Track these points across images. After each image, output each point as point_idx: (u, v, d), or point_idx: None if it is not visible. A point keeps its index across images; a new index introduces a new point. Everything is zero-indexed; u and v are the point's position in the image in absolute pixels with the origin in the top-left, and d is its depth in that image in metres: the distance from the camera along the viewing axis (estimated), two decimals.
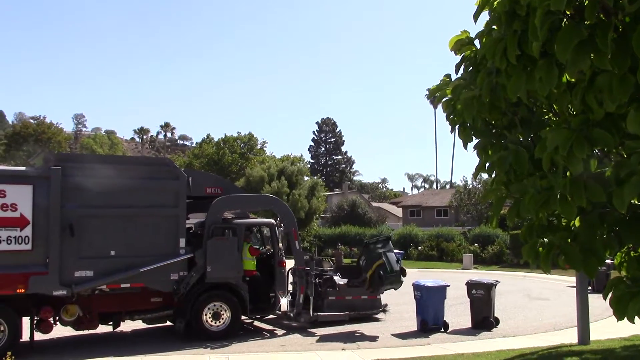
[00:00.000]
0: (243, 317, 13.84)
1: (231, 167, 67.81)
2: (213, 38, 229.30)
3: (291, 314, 14.58)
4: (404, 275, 14.53)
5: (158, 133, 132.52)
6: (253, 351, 11.97)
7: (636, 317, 3.50)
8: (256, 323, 15.11)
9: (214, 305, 13.03)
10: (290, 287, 14.94)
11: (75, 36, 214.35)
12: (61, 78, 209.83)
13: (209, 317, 12.97)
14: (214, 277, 13.00)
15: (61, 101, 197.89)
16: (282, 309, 14.76)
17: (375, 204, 76.71)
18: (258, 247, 15.18)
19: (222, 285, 13.21)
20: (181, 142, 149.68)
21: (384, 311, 15.93)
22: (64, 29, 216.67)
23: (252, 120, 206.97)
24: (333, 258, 28.49)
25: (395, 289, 14.90)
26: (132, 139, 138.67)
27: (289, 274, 14.78)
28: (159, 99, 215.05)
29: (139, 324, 13.69)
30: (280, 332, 14.15)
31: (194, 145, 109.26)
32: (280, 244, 14.53)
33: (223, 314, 13.08)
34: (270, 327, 14.70)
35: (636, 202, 3.77)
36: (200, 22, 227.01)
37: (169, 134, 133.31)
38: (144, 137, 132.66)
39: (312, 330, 14.10)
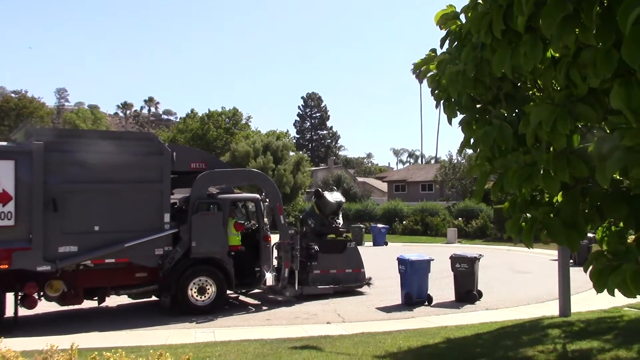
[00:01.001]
0: (228, 292, 13.91)
1: (216, 142, 67.41)
2: (198, 13, 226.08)
3: (276, 288, 14.67)
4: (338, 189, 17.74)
5: (142, 108, 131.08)
6: (239, 325, 12.04)
7: (616, 290, 3.55)
8: (242, 297, 15.20)
9: (200, 280, 13.06)
10: (275, 262, 15.01)
11: (58, 9, 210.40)
12: (43, 52, 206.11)
13: (195, 292, 13.00)
14: (199, 252, 13.02)
15: (43, 75, 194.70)
16: (267, 284, 14.85)
17: (360, 179, 76.99)
18: (243, 222, 15.18)
19: (208, 260, 13.22)
20: (165, 117, 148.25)
21: (368, 284, 16.06)
22: (47, 2, 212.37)
23: (236, 95, 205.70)
24: None
25: (343, 203, 17.54)
26: (116, 113, 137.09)
27: (274, 248, 14.84)
28: (143, 73, 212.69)
29: (124, 299, 13.70)
30: (265, 306, 14.24)
31: (178, 120, 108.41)
32: (265, 219, 14.56)
33: (208, 289, 13.12)
34: (255, 302, 14.79)
35: (618, 178, 3.80)
36: None
37: (152, 109, 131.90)
38: (128, 111, 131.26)
39: (297, 304, 14.21)
